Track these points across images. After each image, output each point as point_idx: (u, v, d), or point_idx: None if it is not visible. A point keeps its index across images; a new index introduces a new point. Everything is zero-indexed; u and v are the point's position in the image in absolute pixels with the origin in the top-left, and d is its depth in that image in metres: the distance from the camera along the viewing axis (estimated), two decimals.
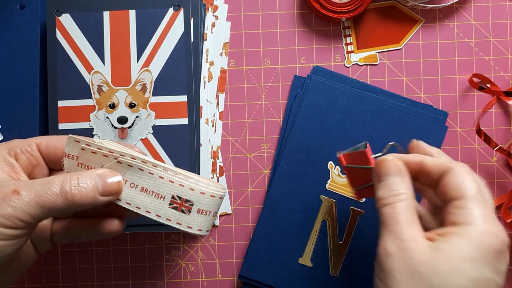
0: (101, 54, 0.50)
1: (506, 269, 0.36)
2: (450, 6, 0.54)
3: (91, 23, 0.50)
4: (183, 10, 0.50)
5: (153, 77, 0.49)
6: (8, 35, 0.50)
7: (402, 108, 0.52)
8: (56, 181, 0.36)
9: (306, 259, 0.52)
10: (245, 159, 0.54)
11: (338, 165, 0.52)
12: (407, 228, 0.36)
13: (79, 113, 0.49)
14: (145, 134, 0.49)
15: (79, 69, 0.50)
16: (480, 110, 0.55)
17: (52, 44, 0.50)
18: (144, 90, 0.49)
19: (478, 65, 0.54)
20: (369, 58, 0.54)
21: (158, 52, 0.49)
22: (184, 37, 0.50)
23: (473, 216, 0.36)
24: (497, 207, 0.54)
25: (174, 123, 0.49)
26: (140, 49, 0.50)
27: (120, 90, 0.49)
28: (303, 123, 0.52)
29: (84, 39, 0.50)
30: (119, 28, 0.50)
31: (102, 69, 0.50)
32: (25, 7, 0.51)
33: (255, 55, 0.54)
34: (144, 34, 0.50)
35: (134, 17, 0.50)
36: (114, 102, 0.49)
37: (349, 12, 0.52)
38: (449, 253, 0.34)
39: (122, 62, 0.50)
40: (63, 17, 0.50)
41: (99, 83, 0.49)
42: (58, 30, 0.50)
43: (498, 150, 0.53)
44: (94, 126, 0.49)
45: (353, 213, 0.52)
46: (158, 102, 0.49)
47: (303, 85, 0.53)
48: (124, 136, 0.49)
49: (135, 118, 0.49)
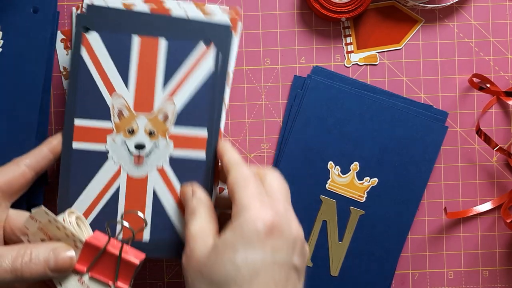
0: (125, 77, 0.48)
1: (291, 245, 0.38)
2: (450, 6, 0.54)
3: (119, 45, 0.48)
4: (214, 45, 0.48)
5: (176, 108, 0.48)
6: (18, 37, 0.50)
7: (402, 108, 0.52)
8: (8, 255, 0.36)
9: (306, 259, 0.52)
10: (245, 159, 0.54)
11: (338, 165, 0.53)
12: (197, 237, 0.40)
13: (95, 134, 0.48)
14: (161, 163, 0.48)
15: (100, 89, 0.48)
16: (480, 110, 0.55)
17: (75, 60, 0.48)
18: (165, 119, 0.48)
19: (478, 65, 0.54)
20: (369, 58, 0.54)
21: (184, 84, 0.48)
22: (212, 73, 0.48)
23: (241, 208, 0.38)
24: (497, 207, 0.54)
25: (192, 157, 0.48)
26: (167, 78, 0.48)
27: (141, 117, 0.48)
28: (303, 123, 0.52)
29: (109, 60, 0.48)
30: (148, 54, 0.48)
31: (125, 93, 0.48)
32: (38, 11, 0.50)
33: (255, 55, 0.54)
34: (173, 64, 0.48)
35: (164, 45, 0.48)
36: (134, 127, 0.48)
37: (349, 12, 0.52)
38: (221, 247, 0.37)
39: (147, 89, 0.48)
40: (90, 34, 0.48)
41: (120, 107, 0.48)
42: (83, 47, 0.48)
43: (498, 150, 0.53)
44: (109, 149, 0.48)
45: (353, 213, 0.52)
46: (178, 133, 0.48)
47: (303, 85, 0.53)
48: (140, 163, 0.48)
49: (152, 146, 0.48)
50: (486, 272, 0.55)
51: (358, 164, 0.52)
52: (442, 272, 0.55)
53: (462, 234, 0.55)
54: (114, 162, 0.48)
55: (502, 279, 0.55)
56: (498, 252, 0.55)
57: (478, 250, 0.55)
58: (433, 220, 0.55)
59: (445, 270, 0.55)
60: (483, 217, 0.55)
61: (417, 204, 0.53)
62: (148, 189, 0.48)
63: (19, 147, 0.50)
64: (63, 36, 0.53)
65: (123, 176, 0.48)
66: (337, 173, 0.52)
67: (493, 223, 0.55)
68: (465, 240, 0.55)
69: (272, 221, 0.37)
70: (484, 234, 0.55)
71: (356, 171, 0.52)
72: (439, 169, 0.54)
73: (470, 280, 0.55)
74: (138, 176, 0.48)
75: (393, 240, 0.52)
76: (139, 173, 0.48)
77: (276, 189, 0.41)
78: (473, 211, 0.54)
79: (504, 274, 0.55)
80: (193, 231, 0.40)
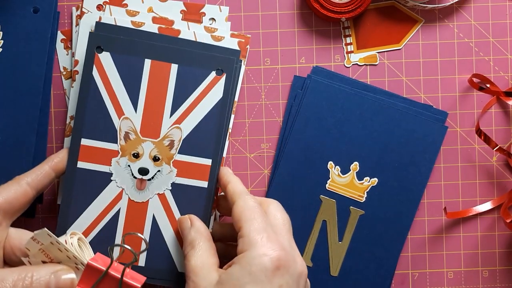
0: (134, 101, 0.48)
1: (296, 281, 0.38)
2: (450, 6, 0.54)
3: (131, 67, 0.48)
4: (225, 76, 0.49)
5: (182, 135, 0.48)
6: (18, 38, 0.50)
7: (402, 108, 0.52)
8: (9, 278, 0.36)
9: (306, 259, 0.52)
10: (245, 159, 0.54)
11: (338, 165, 0.53)
12: (200, 272, 0.39)
13: (101, 155, 0.48)
14: (163, 189, 0.48)
15: (109, 111, 0.48)
16: (480, 110, 0.55)
17: (86, 80, 0.48)
18: (171, 146, 0.48)
19: (478, 65, 0.54)
20: (369, 58, 0.54)
21: (193, 112, 0.48)
22: (221, 103, 0.48)
23: (249, 242, 0.38)
24: (497, 207, 0.54)
25: (194, 184, 0.48)
26: (175, 105, 0.48)
27: (147, 142, 0.48)
28: (303, 123, 0.52)
29: (120, 81, 0.48)
30: (158, 79, 0.48)
31: (133, 117, 0.48)
32: (38, 11, 0.50)
33: (255, 55, 0.54)
34: (182, 91, 0.48)
35: (176, 72, 0.48)
36: (139, 152, 0.48)
37: (349, 12, 0.52)
38: (227, 284, 0.37)
39: (155, 114, 0.48)
40: (103, 54, 0.48)
41: (127, 130, 0.48)
42: (95, 67, 0.48)
43: (498, 150, 0.53)
44: (113, 172, 0.48)
45: (353, 213, 0.52)
46: (182, 160, 0.48)
47: (303, 85, 0.53)
48: (142, 187, 0.48)
49: (156, 172, 0.48)
50: (486, 272, 0.55)
51: (358, 164, 0.52)
52: (442, 272, 0.55)
53: (462, 234, 0.55)
54: (117, 185, 0.48)
55: (502, 279, 0.55)
56: (498, 252, 0.55)
57: (478, 250, 0.55)
58: (433, 220, 0.55)
59: (445, 270, 0.55)
60: (483, 217, 0.55)
61: (417, 204, 0.53)
62: (148, 214, 0.48)
63: (19, 147, 0.50)
64: (63, 36, 0.53)
65: (125, 199, 0.48)
66: (337, 173, 0.52)
67: (493, 223, 0.55)
68: (465, 240, 0.55)
69: (278, 257, 0.38)
70: (484, 234, 0.55)
71: (356, 171, 0.52)
72: (439, 169, 0.54)
73: (470, 280, 0.55)
74: (139, 200, 0.48)
75: (393, 240, 0.52)
76: (141, 197, 0.48)
77: (280, 222, 0.42)
78: (473, 211, 0.54)
79: (504, 274, 0.55)
80: (194, 264, 0.40)
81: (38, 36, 0.50)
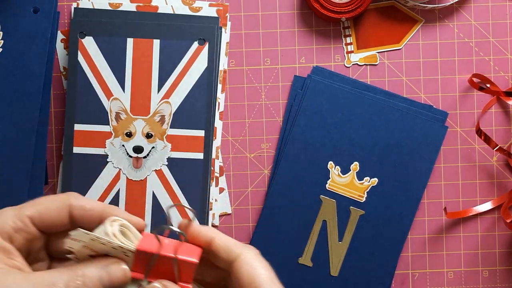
0: (121, 81, 0.49)
1: None
2: (450, 6, 0.54)
3: (114, 48, 0.49)
4: (208, 44, 0.49)
5: (172, 109, 0.49)
6: (18, 38, 0.50)
7: (402, 108, 0.52)
8: (60, 280, 0.34)
9: (306, 259, 0.52)
10: (245, 159, 0.54)
11: (338, 165, 0.53)
12: None
13: (95, 138, 0.49)
14: (160, 165, 0.49)
15: (98, 94, 0.49)
16: (480, 110, 0.55)
17: (73, 66, 0.49)
18: (162, 121, 0.49)
19: (478, 65, 0.54)
20: (369, 58, 0.54)
21: (180, 85, 0.49)
22: (207, 72, 0.49)
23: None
24: (497, 207, 0.54)
25: (189, 157, 0.49)
26: (162, 80, 0.49)
27: (138, 120, 0.49)
28: (303, 123, 0.52)
29: (105, 64, 0.49)
30: (142, 57, 0.49)
31: (122, 97, 0.49)
32: (38, 11, 0.50)
33: (255, 55, 0.54)
34: (167, 65, 0.49)
35: (158, 47, 0.49)
36: (131, 130, 0.49)
37: (349, 12, 0.52)
38: None
39: (143, 91, 0.49)
40: (86, 39, 0.49)
41: (118, 110, 0.49)
42: (80, 53, 0.49)
43: (498, 150, 0.53)
44: (109, 153, 0.49)
45: (353, 213, 0.52)
46: (175, 134, 0.49)
47: (303, 85, 0.53)
48: (138, 166, 0.49)
49: (151, 148, 0.49)
50: (486, 272, 0.55)
51: (358, 164, 0.52)
52: (442, 272, 0.55)
53: (462, 234, 0.55)
54: (113, 166, 0.48)
55: (502, 279, 0.55)
56: (498, 252, 0.55)
57: (478, 250, 0.55)
58: (433, 220, 0.55)
59: (445, 270, 0.55)
60: (483, 217, 0.55)
61: (417, 204, 0.53)
62: (147, 191, 0.48)
63: (19, 147, 0.50)
64: (63, 36, 0.53)
65: (123, 180, 0.48)
66: (337, 173, 0.52)
67: (493, 223, 0.55)
68: (465, 240, 0.55)
69: None
70: (484, 234, 0.55)
71: (356, 171, 0.52)
72: (439, 169, 0.54)
73: (470, 280, 0.55)
74: (137, 179, 0.48)
75: (393, 240, 0.52)
76: (138, 176, 0.48)
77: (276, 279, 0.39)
78: (473, 211, 0.54)
79: (504, 274, 0.55)
80: None
81: (38, 36, 0.50)
